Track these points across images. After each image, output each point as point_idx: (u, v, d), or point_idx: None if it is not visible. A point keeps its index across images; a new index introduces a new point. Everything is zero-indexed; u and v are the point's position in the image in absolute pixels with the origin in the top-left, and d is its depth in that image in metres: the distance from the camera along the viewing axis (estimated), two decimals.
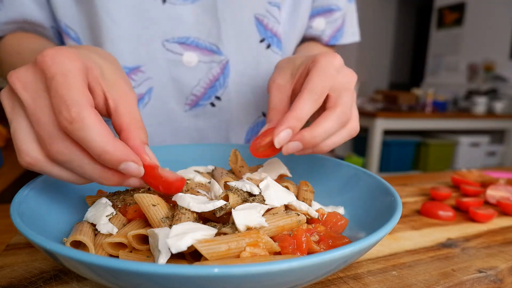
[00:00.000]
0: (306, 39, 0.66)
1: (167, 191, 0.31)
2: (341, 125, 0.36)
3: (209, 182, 0.37)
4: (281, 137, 0.34)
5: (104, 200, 0.32)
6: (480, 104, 2.95)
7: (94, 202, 0.33)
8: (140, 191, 0.32)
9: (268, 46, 0.57)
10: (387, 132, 2.76)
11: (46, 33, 0.53)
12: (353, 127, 0.38)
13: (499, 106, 3.01)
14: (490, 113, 2.97)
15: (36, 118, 0.26)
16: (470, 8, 3.62)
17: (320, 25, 0.63)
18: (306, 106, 0.34)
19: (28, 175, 0.72)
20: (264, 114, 0.60)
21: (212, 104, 0.55)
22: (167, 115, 0.55)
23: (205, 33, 0.53)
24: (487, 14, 3.44)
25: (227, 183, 0.34)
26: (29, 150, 0.27)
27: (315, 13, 0.63)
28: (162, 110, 0.54)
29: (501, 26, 3.31)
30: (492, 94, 3.15)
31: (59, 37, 0.54)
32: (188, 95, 0.54)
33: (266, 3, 0.55)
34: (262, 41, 0.56)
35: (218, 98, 0.55)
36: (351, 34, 0.67)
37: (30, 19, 0.50)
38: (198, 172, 0.41)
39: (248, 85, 0.57)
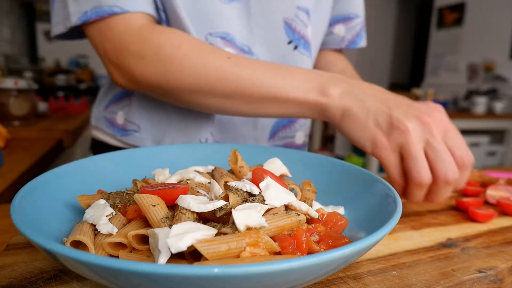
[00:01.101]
0: (325, 45, 0.74)
1: (171, 203, 0.31)
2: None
3: (209, 182, 0.37)
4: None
5: (102, 201, 0.32)
6: (480, 104, 2.95)
7: (87, 202, 0.33)
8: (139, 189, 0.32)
9: (295, 47, 0.60)
10: None
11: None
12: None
13: (499, 106, 3.00)
14: (490, 113, 2.97)
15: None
16: (470, 8, 3.62)
17: (340, 31, 0.71)
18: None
19: (28, 175, 0.72)
20: None
21: None
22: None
23: (241, 34, 0.56)
24: (487, 14, 3.44)
25: (227, 183, 0.34)
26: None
27: (335, 21, 0.70)
28: None
29: (501, 26, 3.31)
30: (492, 94, 3.15)
31: None
32: None
33: (295, 8, 0.59)
34: (290, 42, 0.60)
35: None
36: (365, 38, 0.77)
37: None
38: (198, 172, 0.41)
39: None
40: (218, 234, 0.26)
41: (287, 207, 0.33)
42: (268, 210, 0.31)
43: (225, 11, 0.55)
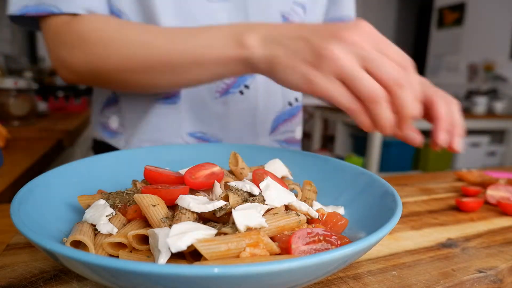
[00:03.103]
0: None
1: (171, 203, 0.31)
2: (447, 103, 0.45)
3: None
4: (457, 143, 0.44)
5: (102, 201, 0.32)
6: (480, 104, 2.95)
7: (87, 202, 0.33)
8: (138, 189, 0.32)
9: None
10: None
11: None
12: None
13: (499, 106, 3.00)
14: (490, 113, 2.96)
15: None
16: (470, 8, 3.62)
17: None
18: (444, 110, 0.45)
19: (28, 175, 0.72)
20: (290, 104, 0.65)
21: (241, 92, 0.59)
22: (198, 102, 0.59)
23: None
24: (487, 14, 3.44)
25: (227, 183, 0.34)
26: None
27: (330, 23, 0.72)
28: (194, 97, 0.58)
29: (501, 26, 3.31)
30: (492, 94, 3.15)
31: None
32: (219, 83, 0.58)
33: (291, 3, 0.60)
34: None
35: (246, 86, 0.59)
36: None
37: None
38: None
39: None
40: (218, 234, 0.26)
41: (287, 207, 0.33)
42: (268, 210, 0.31)
43: (218, 11, 0.55)
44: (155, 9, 0.53)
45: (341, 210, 0.37)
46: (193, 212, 0.29)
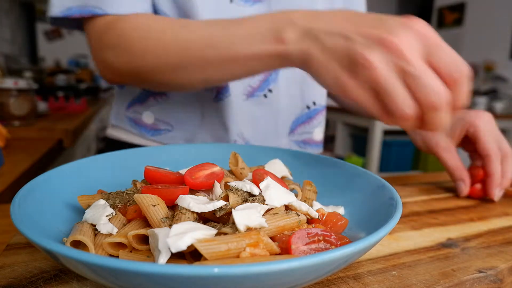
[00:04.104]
0: None
1: (171, 203, 0.31)
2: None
3: None
4: (498, 195, 0.53)
5: (102, 201, 0.32)
6: (480, 104, 2.95)
7: (87, 202, 0.33)
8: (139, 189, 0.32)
9: None
10: (387, 132, 2.76)
11: None
12: None
13: (499, 106, 3.01)
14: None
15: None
16: (470, 8, 3.62)
17: None
18: (498, 168, 0.52)
19: (28, 175, 0.72)
20: (308, 107, 0.68)
21: (265, 96, 0.64)
22: (231, 103, 0.62)
23: None
24: (487, 14, 3.44)
25: (227, 183, 0.34)
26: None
27: None
28: (228, 98, 0.61)
29: (501, 26, 3.31)
30: (492, 94, 3.15)
31: None
32: (245, 86, 0.62)
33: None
34: None
35: (270, 90, 0.63)
36: None
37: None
38: None
39: (295, 81, 0.65)
40: (218, 234, 0.26)
41: (287, 207, 0.33)
42: (268, 210, 0.31)
43: (245, 14, 0.56)
44: (192, 9, 0.54)
45: (341, 210, 0.37)
46: (193, 212, 0.29)
